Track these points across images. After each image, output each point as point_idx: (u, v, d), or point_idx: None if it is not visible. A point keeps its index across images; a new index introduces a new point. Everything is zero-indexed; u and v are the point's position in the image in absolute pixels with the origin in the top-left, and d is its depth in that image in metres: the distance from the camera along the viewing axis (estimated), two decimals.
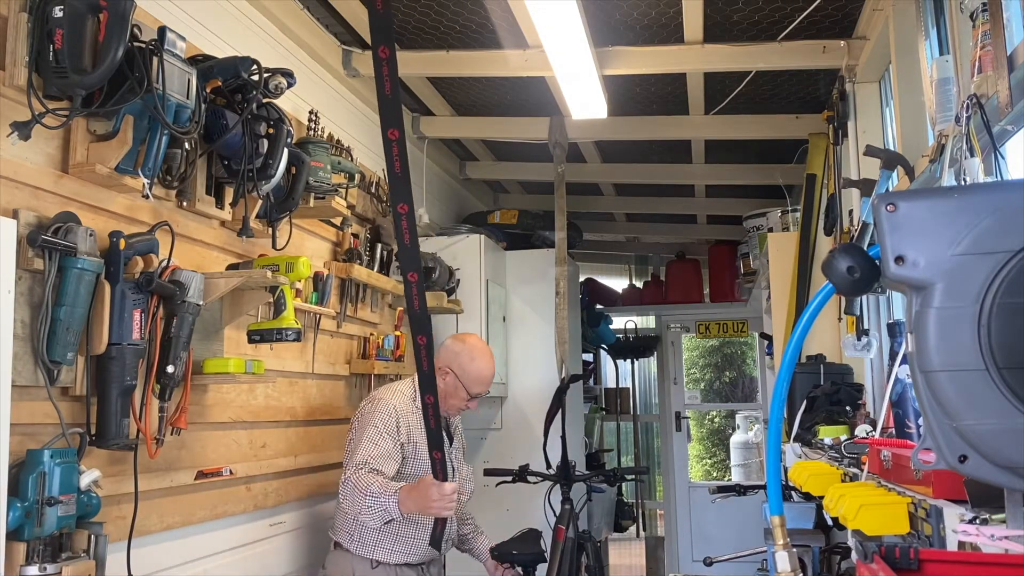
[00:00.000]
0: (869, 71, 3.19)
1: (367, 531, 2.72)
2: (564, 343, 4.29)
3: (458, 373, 2.87)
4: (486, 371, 2.92)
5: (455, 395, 2.88)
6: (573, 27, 2.90)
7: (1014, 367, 0.93)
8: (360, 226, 3.60)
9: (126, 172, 2.04)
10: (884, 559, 0.97)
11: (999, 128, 1.68)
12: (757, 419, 9.68)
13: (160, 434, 2.20)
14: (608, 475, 3.90)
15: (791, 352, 1.18)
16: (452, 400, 2.88)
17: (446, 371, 2.86)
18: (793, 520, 2.52)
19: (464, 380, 2.87)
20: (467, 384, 2.88)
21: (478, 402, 2.97)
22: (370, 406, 2.83)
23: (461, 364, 2.88)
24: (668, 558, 6.89)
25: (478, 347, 2.96)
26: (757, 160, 4.96)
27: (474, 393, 2.91)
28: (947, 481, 1.18)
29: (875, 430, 2.18)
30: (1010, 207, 0.96)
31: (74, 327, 1.90)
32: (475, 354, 2.92)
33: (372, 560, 2.74)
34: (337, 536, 2.80)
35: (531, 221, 5.09)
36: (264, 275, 2.49)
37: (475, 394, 2.92)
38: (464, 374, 2.87)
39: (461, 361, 2.89)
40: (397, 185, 2.48)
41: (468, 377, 2.87)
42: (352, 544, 2.75)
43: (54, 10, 1.84)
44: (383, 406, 2.79)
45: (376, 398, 2.86)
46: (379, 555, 2.74)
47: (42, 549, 1.77)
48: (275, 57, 2.99)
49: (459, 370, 2.87)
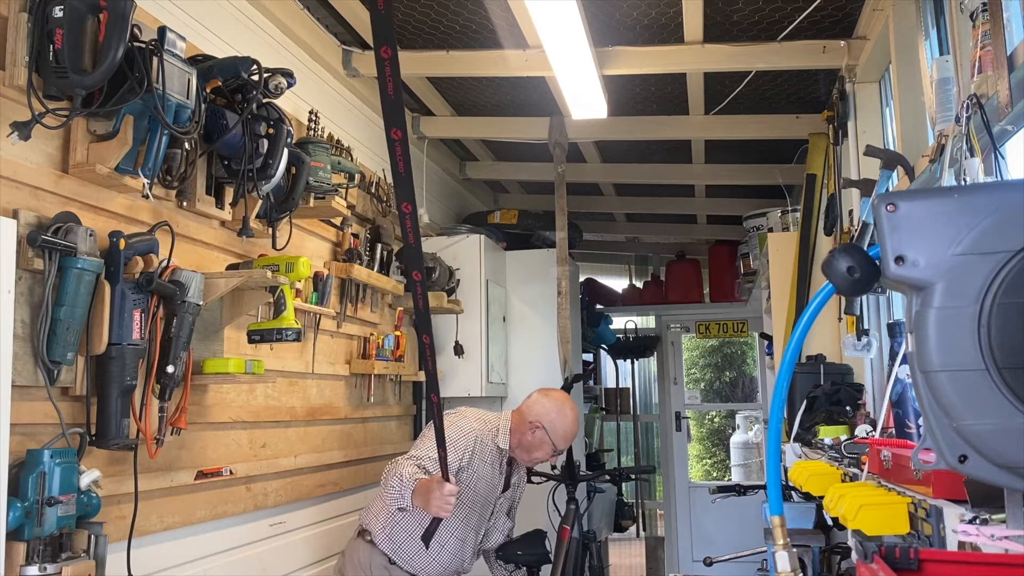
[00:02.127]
0: (869, 71, 3.19)
1: (399, 529, 2.75)
2: (567, 342, 4.29)
3: (548, 429, 2.90)
4: (573, 427, 2.98)
5: (540, 448, 2.91)
6: (573, 27, 2.90)
7: (1014, 367, 0.93)
8: (360, 226, 3.60)
9: (126, 172, 2.04)
10: (884, 559, 0.97)
11: (999, 128, 1.68)
12: (757, 419, 9.68)
13: (160, 434, 2.20)
14: (613, 474, 3.88)
15: (791, 352, 1.18)
16: (537, 453, 2.92)
17: (537, 425, 2.90)
18: (793, 520, 2.52)
19: (553, 436, 2.90)
20: (555, 440, 2.91)
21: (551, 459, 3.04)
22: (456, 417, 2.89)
23: (552, 421, 2.91)
24: (668, 558, 6.89)
25: (568, 404, 3.01)
26: (757, 160, 4.95)
27: (560, 449, 2.97)
28: (947, 481, 1.18)
29: (875, 430, 2.18)
30: (1010, 207, 0.96)
31: (74, 327, 1.90)
32: (565, 411, 2.96)
33: (390, 558, 2.76)
34: (368, 524, 2.82)
35: (531, 221, 5.09)
36: (264, 275, 2.49)
37: (561, 450, 2.99)
38: (554, 431, 2.90)
39: (552, 418, 2.92)
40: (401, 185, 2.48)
41: (557, 434, 2.91)
42: (380, 537, 2.77)
43: (54, 10, 1.84)
44: (465, 425, 2.86)
45: (463, 414, 2.93)
46: (399, 557, 2.76)
47: (42, 549, 1.77)
48: (275, 57, 2.99)
49: (550, 426, 2.91)
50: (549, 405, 2.96)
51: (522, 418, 2.93)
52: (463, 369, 4.30)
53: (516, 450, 2.92)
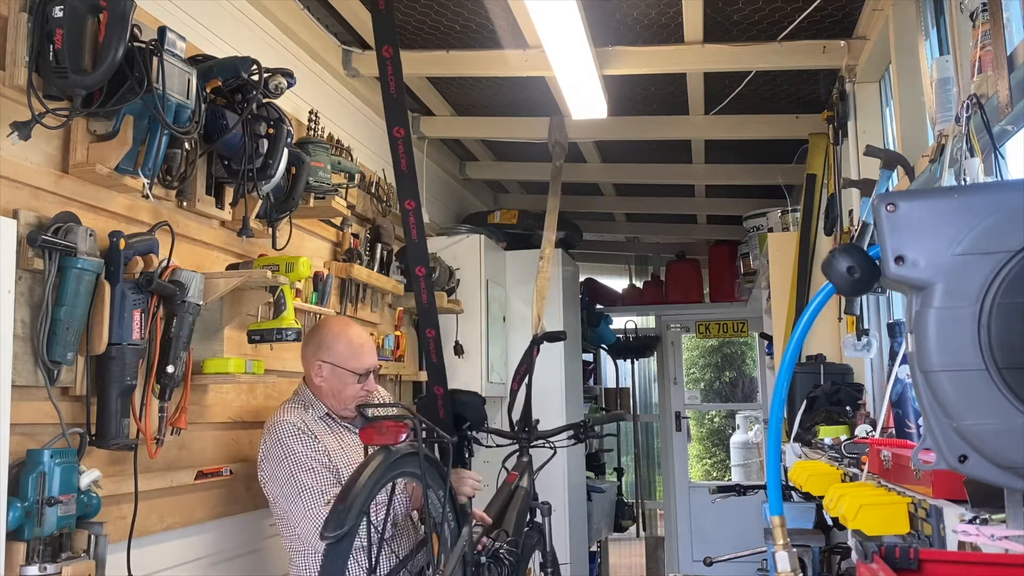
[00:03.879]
0: (869, 71, 3.19)
1: None
2: (543, 299, 4.14)
3: (331, 360, 2.51)
4: (358, 340, 2.55)
5: (342, 384, 2.51)
6: (573, 27, 2.90)
7: (1014, 367, 0.93)
8: (360, 226, 3.60)
9: (126, 172, 2.04)
10: (884, 559, 0.97)
11: (999, 128, 1.68)
12: (757, 419, 9.68)
13: (160, 434, 2.20)
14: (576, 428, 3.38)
15: (791, 352, 1.18)
16: (346, 392, 2.52)
17: (318, 367, 2.52)
18: (793, 520, 2.52)
19: (340, 362, 2.50)
20: (345, 365, 2.50)
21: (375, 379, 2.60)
22: (272, 434, 2.44)
23: (328, 346, 2.52)
24: (668, 558, 6.90)
25: (336, 320, 2.65)
26: (757, 160, 4.96)
27: (361, 370, 2.52)
28: (947, 481, 1.18)
29: (875, 430, 2.18)
30: (1010, 207, 0.96)
31: (74, 327, 1.90)
32: (335, 329, 2.57)
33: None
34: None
35: (531, 221, 5.09)
36: (264, 275, 2.49)
37: (360, 371, 2.52)
38: (338, 356, 2.51)
39: (327, 344, 2.52)
40: (404, 182, 2.48)
41: (342, 357, 2.51)
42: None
43: (54, 10, 1.84)
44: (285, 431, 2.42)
45: (274, 426, 2.46)
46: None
47: (42, 549, 1.77)
48: (275, 57, 2.99)
49: (330, 355, 2.51)
50: (317, 336, 2.57)
51: (306, 369, 2.56)
52: (463, 369, 4.29)
53: (331, 405, 2.53)
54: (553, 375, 4.77)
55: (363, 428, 2.14)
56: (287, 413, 2.49)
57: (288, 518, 2.38)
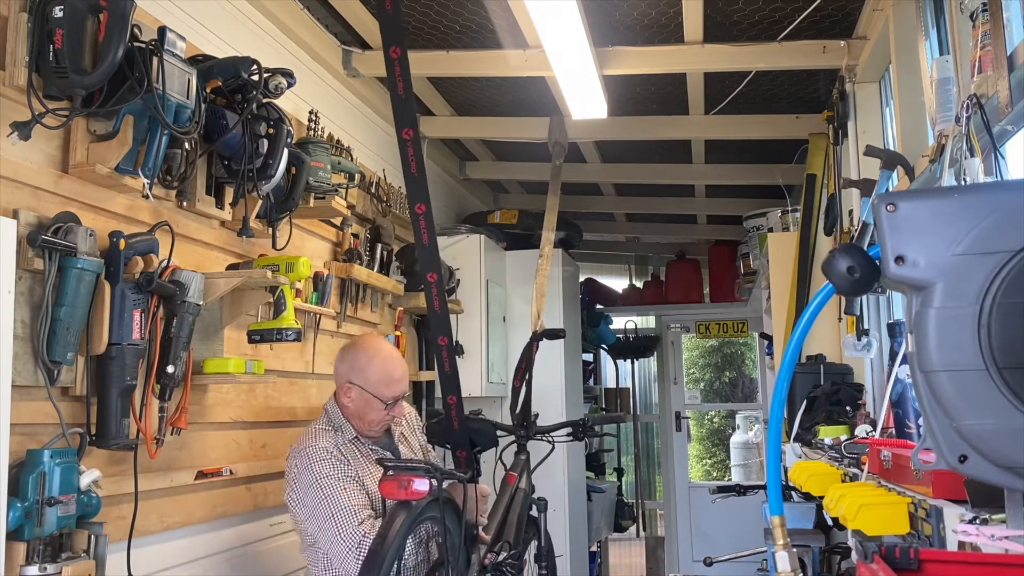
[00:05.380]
0: (869, 71, 3.19)
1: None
2: (542, 296, 4.14)
3: (361, 383, 2.46)
4: (390, 367, 2.50)
5: (368, 408, 2.47)
6: (573, 27, 2.90)
7: (1014, 367, 0.93)
8: (360, 226, 3.60)
9: (126, 172, 2.04)
10: (884, 559, 0.97)
11: (999, 128, 1.68)
12: (757, 419, 9.68)
13: (160, 434, 2.20)
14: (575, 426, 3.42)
15: (791, 352, 1.18)
16: (371, 416, 2.48)
17: (347, 387, 2.48)
18: (793, 520, 2.52)
19: (370, 388, 2.46)
20: (374, 391, 2.46)
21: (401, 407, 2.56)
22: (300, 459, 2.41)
23: (360, 370, 2.47)
24: (668, 558, 6.90)
25: (372, 343, 2.57)
26: (757, 160, 4.96)
27: (386, 398, 2.48)
28: (947, 481, 1.18)
29: (875, 430, 2.18)
30: (1010, 207, 0.96)
31: (74, 327, 1.90)
32: (370, 352, 2.52)
33: None
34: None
35: (531, 221, 5.08)
36: (264, 275, 2.49)
37: (388, 399, 2.48)
38: (367, 382, 2.46)
39: (360, 367, 2.48)
40: (414, 186, 2.43)
41: (371, 383, 2.46)
42: None
43: (54, 10, 1.84)
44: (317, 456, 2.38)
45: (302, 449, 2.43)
46: None
47: (42, 549, 1.77)
48: (275, 57, 2.99)
49: (360, 379, 2.47)
50: (350, 356, 2.52)
51: (337, 387, 2.52)
52: (463, 369, 4.25)
53: (356, 425, 2.49)
54: (553, 375, 4.77)
55: (383, 482, 2.15)
56: (319, 438, 2.44)
57: (316, 541, 2.36)
